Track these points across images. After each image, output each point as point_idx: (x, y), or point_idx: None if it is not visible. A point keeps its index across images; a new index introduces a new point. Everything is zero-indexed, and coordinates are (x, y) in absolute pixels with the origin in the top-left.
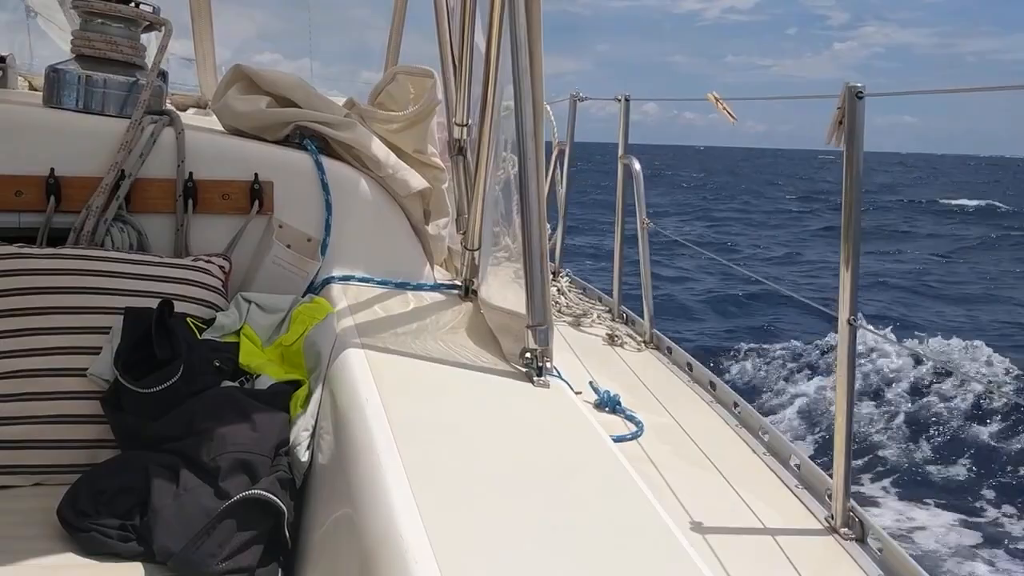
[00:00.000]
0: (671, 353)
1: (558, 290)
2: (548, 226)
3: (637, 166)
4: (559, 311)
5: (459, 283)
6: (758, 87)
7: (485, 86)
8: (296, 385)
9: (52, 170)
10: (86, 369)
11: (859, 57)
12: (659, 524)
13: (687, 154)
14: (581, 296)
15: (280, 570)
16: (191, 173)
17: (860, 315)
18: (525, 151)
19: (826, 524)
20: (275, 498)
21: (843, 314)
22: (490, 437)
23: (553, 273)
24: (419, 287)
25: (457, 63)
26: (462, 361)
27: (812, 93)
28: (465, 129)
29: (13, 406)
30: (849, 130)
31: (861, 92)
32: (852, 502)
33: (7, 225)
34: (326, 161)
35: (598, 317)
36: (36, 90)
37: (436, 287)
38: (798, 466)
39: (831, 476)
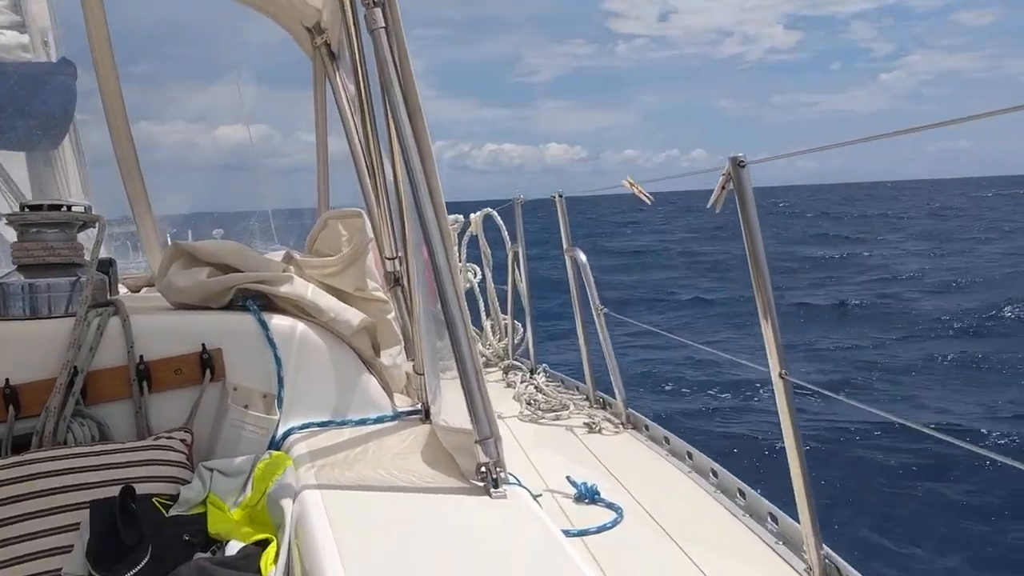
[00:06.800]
0: (648, 430)
1: (536, 387)
2: (519, 326)
3: (583, 257)
4: (539, 408)
5: (419, 407)
6: (807, 124)
7: (401, 217)
8: (266, 544)
9: (7, 380)
10: (60, 570)
11: (907, 86)
12: None
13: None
14: (560, 389)
15: None
16: (141, 356)
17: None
18: (440, 271)
19: None
20: None
21: (775, 369)
22: (448, 557)
23: (530, 371)
24: (379, 419)
25: (377, 200)
26: (420, 486)
27: (701, 169)
28: (396, 261)
29: None
30: (740, 195)
31: (743, 161)
32: (826, 549)
33: None
34: (268, 317)
35: (575, 407)
36: None
37: (396, 416)
38: (776, 521)
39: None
